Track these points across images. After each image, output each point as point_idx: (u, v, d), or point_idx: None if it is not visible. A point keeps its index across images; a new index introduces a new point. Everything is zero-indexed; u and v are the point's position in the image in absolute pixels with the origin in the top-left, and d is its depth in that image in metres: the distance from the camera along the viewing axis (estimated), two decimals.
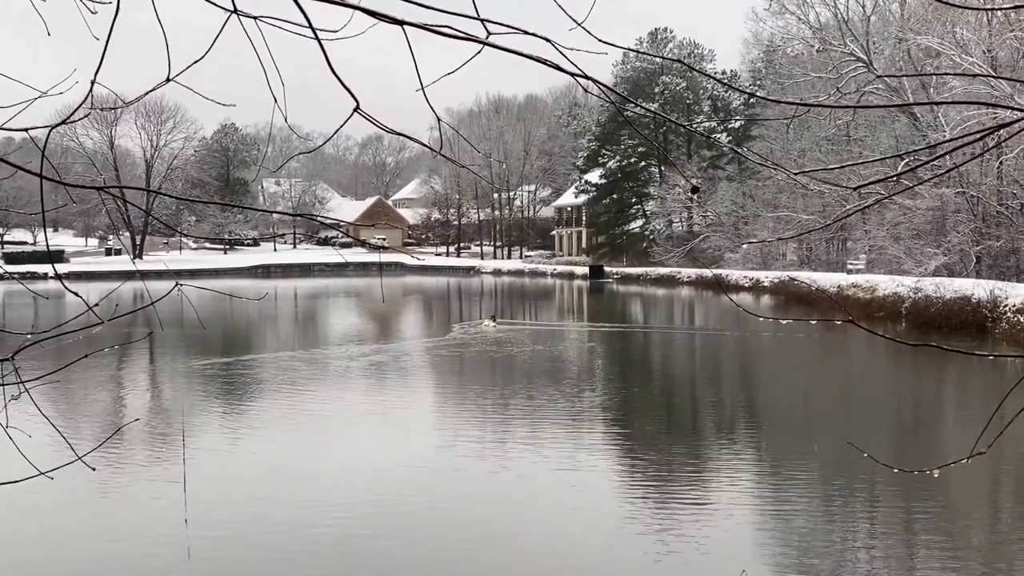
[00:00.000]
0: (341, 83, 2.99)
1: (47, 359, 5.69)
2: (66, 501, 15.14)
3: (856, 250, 69.43)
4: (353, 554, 13.19)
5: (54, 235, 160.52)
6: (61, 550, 13.58)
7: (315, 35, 2.99)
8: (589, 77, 3.03)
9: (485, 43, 3.06)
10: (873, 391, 28.30)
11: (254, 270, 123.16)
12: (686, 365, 37.03)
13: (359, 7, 2.94)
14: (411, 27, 3.01)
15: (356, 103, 2.98)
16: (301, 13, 2.90)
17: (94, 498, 15.73)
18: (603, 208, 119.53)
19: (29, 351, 3.99)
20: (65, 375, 26.91)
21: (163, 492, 15.99)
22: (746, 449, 20.14)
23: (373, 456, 19.30)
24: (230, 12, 3.02)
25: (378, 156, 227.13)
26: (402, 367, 34.57)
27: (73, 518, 14.88)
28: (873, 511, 15.06)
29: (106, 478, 16.52)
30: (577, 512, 15.07)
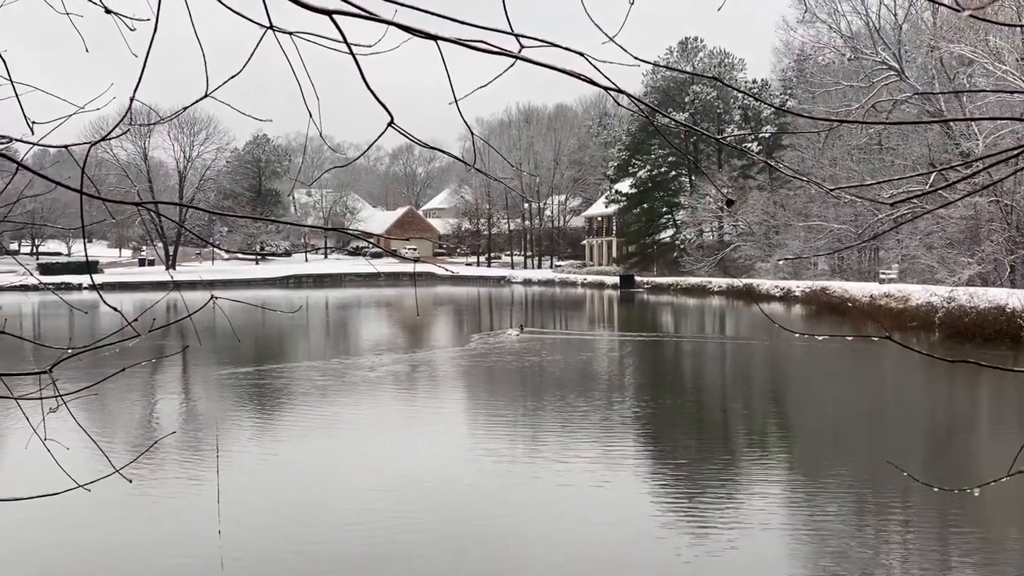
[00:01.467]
0: (376, 98, 3.01)
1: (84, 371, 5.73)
2: (102, 512, 15.22)
3: (888, 259, 69.07)
4: (386, 565, 13.20)
5: (89, 246, 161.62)
6: (97, 561, 13.69)
7: (350, 50, 3.01)
8: (623, 91, 3.04)
9: (519, 57, 3.07)
10: (907, 403, 28.10)
11: (286, 280, 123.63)
12: (717, 375, 36.89)
13: (394, 23, 2.96)
14: (445, 42, 3.03)
15: (391, 117, 3.00)
16: (337, 29, 2.92)
17: (130, 509, 15.79)
18: (633, 218, 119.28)
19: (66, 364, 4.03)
20: (102, 387, 27.17)
21: (197, 503, 16.06)
22: (778, 462, 20.04)
23: (405, 466, 19.33)
24: (266, 28, 3.05)
25: (409, 166, 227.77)
26: (433, 376, 34.67)
27: (109, 529, 14.97)
28: (908, 527, 14.94)
29: (142, 490, 16.58)
30: (607, 523, 15.04)
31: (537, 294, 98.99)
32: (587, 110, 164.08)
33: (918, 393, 30.18)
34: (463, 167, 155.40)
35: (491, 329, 53.98)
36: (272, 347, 47.40)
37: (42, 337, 51.17)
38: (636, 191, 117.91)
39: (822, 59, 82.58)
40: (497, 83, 3.64)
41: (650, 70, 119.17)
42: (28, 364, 4.38)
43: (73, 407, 4.42)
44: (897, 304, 49.49)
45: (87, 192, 3.14)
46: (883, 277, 63.52)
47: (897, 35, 65.68)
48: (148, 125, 10.61)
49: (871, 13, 68.13)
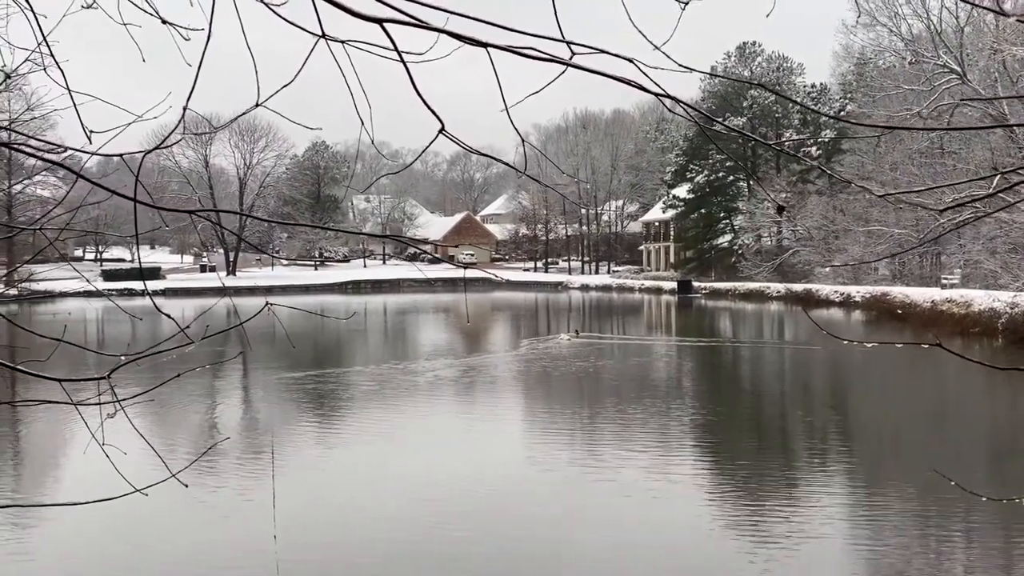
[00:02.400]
0: (427, 105, 3.03)
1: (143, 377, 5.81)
2: (159, 517, 15.36)
3: (951, 264, 68.16)
4: (440, 571, 13.24)
5: (151, 252, 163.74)
6: (154, 565, 13.82)
7: (401, 58, 3.02)
8: (673, 97, 3.03)
9: (570, 64, 3.07)
10: (967, 411, 27.71)
11: (344, 286, 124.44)
12: (775, 380, 36.62)
13: (445, 31, 2.97)
14: (496, 49, 3.03)
15: (441, 124, 3.02)
16: (388, 37, 2.94)
17: (186, 514, 15.91)
18: (691, 223, 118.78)
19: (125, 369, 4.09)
20: (160, 393, 27.51)
21: (253, 508, 16.21)
22: (838, 470, 19.83)
23: (459, 471, 19.35)
24: (318, 37, 3.07)
25: (466, 172, 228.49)
26: (485, 381, 34.71)
27: (165, 533, 15.10)
28: (970, 537, 14.71)
29: (198, 494, 16.71)
30: (664, 529, 14.97)
31: (594, 299, 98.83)
32: (644, 115, 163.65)
33: (979, 400, 29.74)
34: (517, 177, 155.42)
35: (547, 333, 53.85)
36: (328, 352, 47.71)
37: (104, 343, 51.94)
38: (694, 196, 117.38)
39: (883, 63, 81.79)
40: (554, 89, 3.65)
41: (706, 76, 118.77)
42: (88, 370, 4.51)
43: (131, 413, 4.48)
44: (959, 310, 48.82)
45: (141, 200, 3.18)
46: (945, 282, 62.67)
47: (959, 38, 64.86)
48: (201, 134, 10.83)
49: (932, 16, 67.42)
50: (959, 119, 63.58)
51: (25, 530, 15.45)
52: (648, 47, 3.39)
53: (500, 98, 3.30)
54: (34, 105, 70.73)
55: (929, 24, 67.90)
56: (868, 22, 72.97)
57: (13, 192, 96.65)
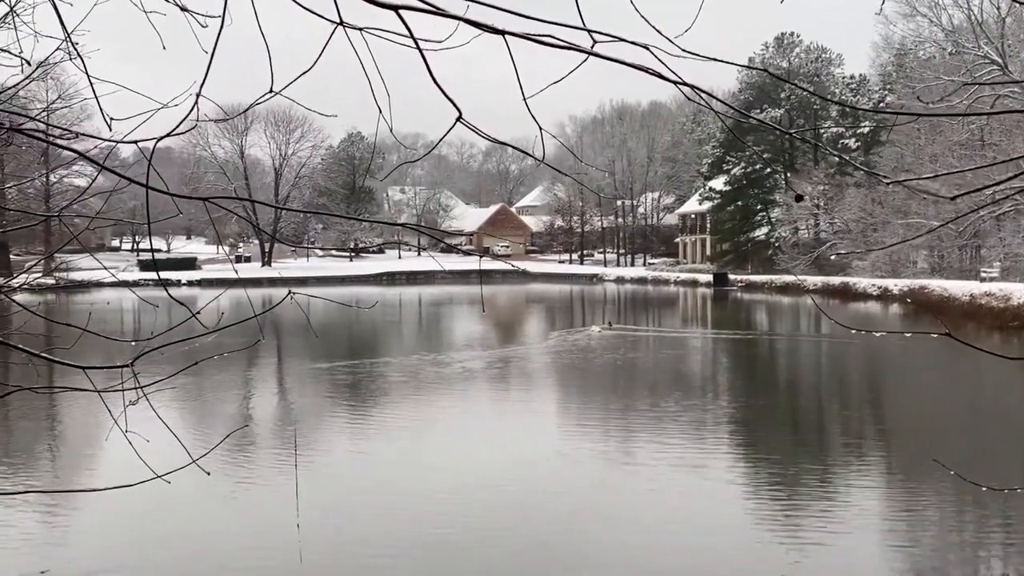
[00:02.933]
0: (443, 93, 3.00)
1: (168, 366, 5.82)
2: (182, 504, 15.34)
3: (991, 258, 67.51)
4: (464, 562, 13.23)
5: (187, 243, 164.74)
6: (177, 551, 13.87)
7: (417, 46, 3.00)
8: (691, 85, 2.99)
9: (590, 52, 3.04)
10: (1002, 404, 27.43)
11: (379, 277, 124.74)
12: (811, 373, 36.40)
13: (463, 18, 2.94)
14: (514, 37, 3.00)
15: (459, 112, 2.99)
16: (404, 25, 2.91)
17: (209, 501, 15.92)
18: (727, 215, 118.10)
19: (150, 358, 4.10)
20: (184, 381, 27.67)
21: (276, 496, 16.25)
22: (872, 466, 19.70)
23: (485, 463, 19.34)
24: (336, 24, 3.05)
25: (502, 164, 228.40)
26: (520, 373, 34.70)
27: (188, 521, 15.12)
28: (1007, 535, 14.55)
29: (221, 482, 16.69)
30: (697, 525, 14.91)
31: (629, 292, 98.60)
32: (681, 107, 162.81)
33: (1014, 394, 29.44)
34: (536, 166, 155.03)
35: (581, 325, 53.64)
36: (358, 343, 47.80)
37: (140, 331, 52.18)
38: (730, 188, 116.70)
39: (923, 53, 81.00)
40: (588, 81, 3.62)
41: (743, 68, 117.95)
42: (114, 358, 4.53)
43: (156, 401, 4.50)
44: (998, 303, 48.35)
45: (153, 187, 3.18)
46: (984, 276, 62.05)
47: (1000, 28, 64.14)
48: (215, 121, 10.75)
49: (973, 6, 66.71)
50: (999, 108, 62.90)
51: (47, 516, 15.56)
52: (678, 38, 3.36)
53: (527, 87, 3.28)
54: (65, 95, 71.12)
55: (970, 14, 67.20)
56: (908, 12, 72.43)
57: (51, 182, 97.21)
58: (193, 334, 4.25)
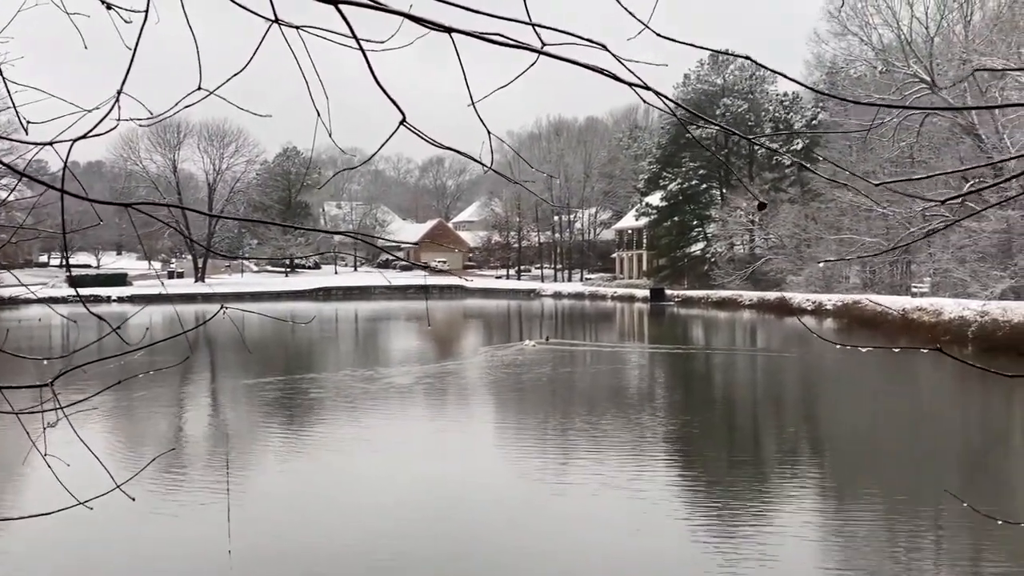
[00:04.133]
0: (386, 95, 2.82)
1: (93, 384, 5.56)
2: (105, 533, 14.65)
3: (921, 273, 68.41)
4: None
5: (118, 258, 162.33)
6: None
7: (359, 44, 2.82)
8: (648, 87, 2.84)
9: (540, 52, 2.89)
10: (939, 418, 27.70)
11: (315, 293, 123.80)
12: (748, 386, 36.55)
13: (406, 14, 2.77)
14: (461, 35, 2.84)
15: (402, 115, 2.81)
16: (344, 20, 2.73)
17: (135, 529, 15.23)
18: (664, 231, 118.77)
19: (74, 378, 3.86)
20: (110, 401, 27.02)
21: (207, 521, 15.66)
22: (810, 479, 19.73)
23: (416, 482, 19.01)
24: (271, 22, 2.87)
25: (439, 178, 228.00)
26: (455, 386, 34.45)
27: (112, 550, 14.45)
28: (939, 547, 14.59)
29: (148, 507, 16.03)
30: (634, 541, 14.78)
31: (567, 307, 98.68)
32: (617, 123, 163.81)
33: (950, 407, 29.75)
34: (492, 179, 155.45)
35: (518, 340, 53.34)
36: (290, 359, 47.21)
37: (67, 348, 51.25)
38: (667, 204, 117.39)
39: (854, 72, 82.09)
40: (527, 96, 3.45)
41: (680, 83, 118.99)
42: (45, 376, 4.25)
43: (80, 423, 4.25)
44: (930, 318, 48.94)
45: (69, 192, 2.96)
46: (915, 291, 62.84)
47: (929, 48, 65.16)
48: (139, 123, 10.01)
49: (903, 26, 67.71)
50: (928, 129, 63.88)
51: None
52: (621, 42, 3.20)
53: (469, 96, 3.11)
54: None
55: (899, 34, 68.23)
56: (840, 31, 73.38)
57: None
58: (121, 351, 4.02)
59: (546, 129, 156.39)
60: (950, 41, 65.82)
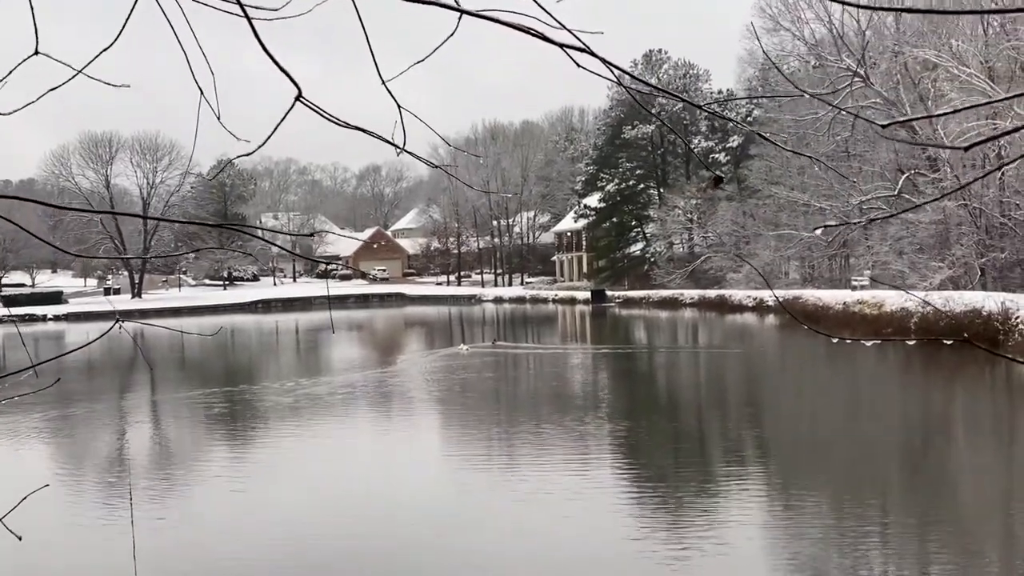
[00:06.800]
0: (279, 67, 2.42)
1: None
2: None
3: (859, 266, 68.85)
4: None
5: (53, 276, 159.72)
6: None
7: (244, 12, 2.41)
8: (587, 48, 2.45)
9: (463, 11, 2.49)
10: (881, 410, 27.68)
11: (255, 305, 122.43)
12: (692, 384, 36.43)
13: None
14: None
15: (298, 90, 2.41)
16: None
17: (28, 570, 13.76)
18: (603, 232, 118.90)
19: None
20: (15, 430, 25.72)
21: (109, 557, 14.06)
22: (756, 474, 19.50)
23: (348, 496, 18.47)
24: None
25: (376, 187, 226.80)
26: (396, 393, 33.82)
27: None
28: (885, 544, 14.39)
29: (42, 545, 14.55)
30: (579, 539, 14.42)
31: (508, 311, 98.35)
32: (553, 125, 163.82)
33: (891, 400, 29.77)
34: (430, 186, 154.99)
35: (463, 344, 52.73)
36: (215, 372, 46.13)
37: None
38: (605, 205, 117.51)
39: (787, 67, 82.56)
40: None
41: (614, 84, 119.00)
42: None
43: None
44: (871, 310, 49.14)
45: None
46: (855, 284, 63.21)
47: (861, 41, 65.64)
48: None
49: (834, 20, 68.15)
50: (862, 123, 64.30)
51: None
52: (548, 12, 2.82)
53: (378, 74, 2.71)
54: None
55: (831, 28, 68.69)
56: (772, 27, 73.69)
57: None
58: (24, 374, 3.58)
59: (482, 134, 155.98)
60: (881, 34, 66.31)
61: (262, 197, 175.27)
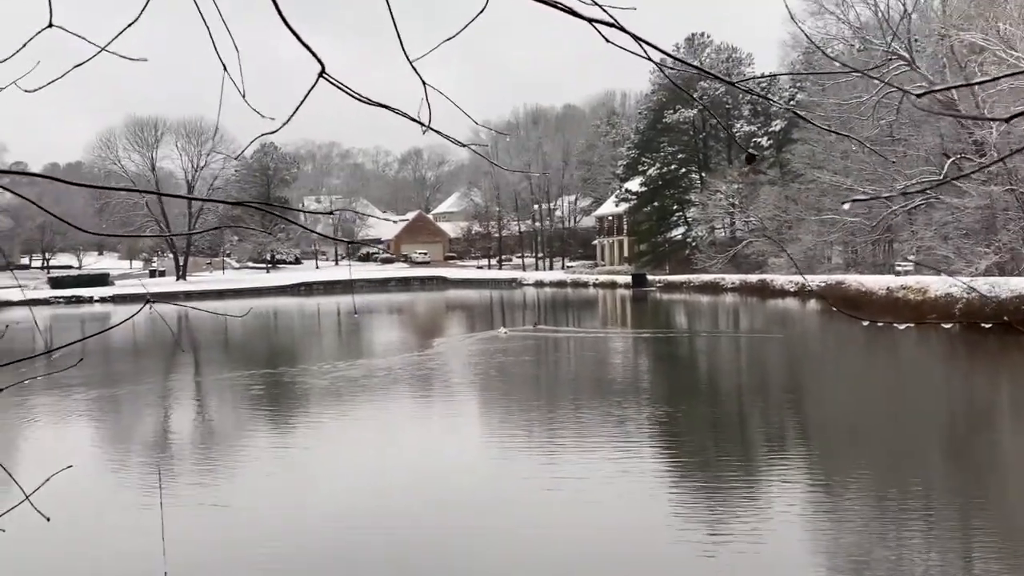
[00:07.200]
0: (302, 42, 2.39)
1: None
2: (20, 560, 13.05)
3: (904, 251, 68.20)
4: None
5: (100, 258, 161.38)
6: None
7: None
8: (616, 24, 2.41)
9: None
10: (925, 397, 27.42)
11: (297, 288, 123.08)
12: (733, 369, 36.22)
13: None
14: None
15: (322, 66, 2.38)
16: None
17: (58, 551, 13.69)
18: (644, 216, 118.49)
19: None
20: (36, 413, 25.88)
21: (139, 541, 13.97)
22: (798, 460, 19.35)
23: (392, 474, 18.52)
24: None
25: (418, 171, 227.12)
26: (436, 376, 33.86)
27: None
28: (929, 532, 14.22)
29: (66, 529, 14.37)
30: (620, 527, 14.37)
31: (549, 295, 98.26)
32: (594, 110, 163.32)
33: (934, 386, 29.48)
34: (472, 170, 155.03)
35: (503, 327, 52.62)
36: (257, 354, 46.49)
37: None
38: (646, 189, 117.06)
39: (831, 51, 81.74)
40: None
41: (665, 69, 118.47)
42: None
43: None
44: (915, 296, 48.66)
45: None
46: (899, 269, 62.62)
47: (906, 24, 64.84)
48: None
49: (879, 3, 67.37)
50: (908, 106, 63.56)
51: None
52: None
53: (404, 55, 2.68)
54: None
55: (876, 11, 67.89)
56: (816, 10, 72.89)
57: None
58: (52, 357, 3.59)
59: (524, 119, 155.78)
60: (927, 17, 65.51)
61: (304, 180, 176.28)
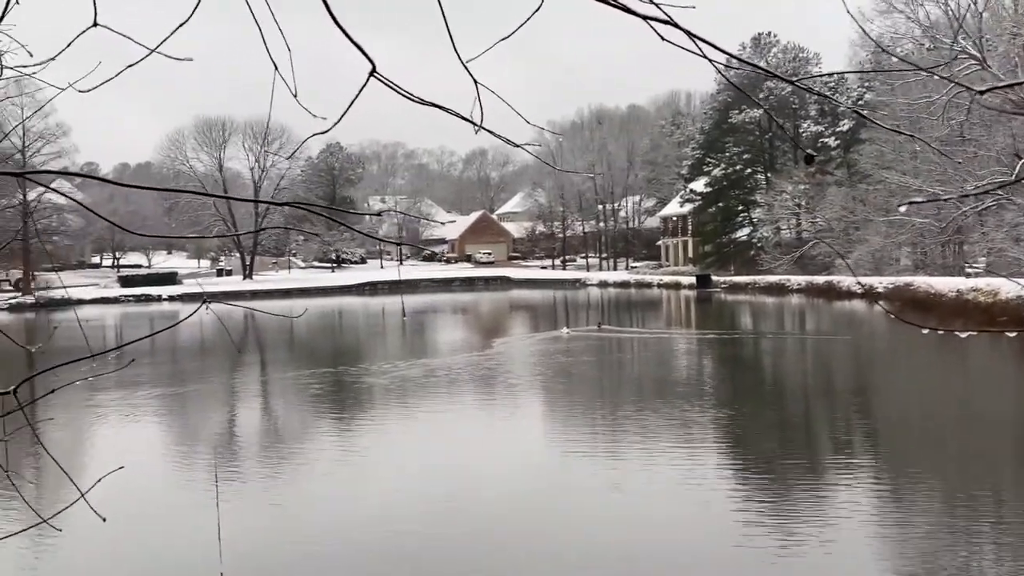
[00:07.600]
0: (352, 41, 2.37)
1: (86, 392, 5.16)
2: (76, 557, 12.70)
3: (974, 253, 67.14)
4: None
5: (168, 257, 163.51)
6: None
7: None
8: (672, 21, 2.36)
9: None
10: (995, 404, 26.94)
11: (361, 287, 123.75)
12: (796, 369, 35.88)
13: None
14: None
15: (372, 65, 2.36)
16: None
17: (111, 553, 13.60)
18: (709, 217, 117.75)
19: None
20: (90, 413, 26.10)
21: (195, 540, 14.00)
22: (864, 467, 19.09)
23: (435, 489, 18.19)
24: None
25: (482, 171, 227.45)
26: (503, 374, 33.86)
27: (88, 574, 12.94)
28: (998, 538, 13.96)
29: (130, 528, 14.51)
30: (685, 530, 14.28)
31: (613, 296, 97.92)
32: (659, 110, 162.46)
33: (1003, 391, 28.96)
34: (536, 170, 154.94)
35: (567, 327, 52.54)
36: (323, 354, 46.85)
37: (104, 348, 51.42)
38: (711, 190, 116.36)
39: (900, 50, 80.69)
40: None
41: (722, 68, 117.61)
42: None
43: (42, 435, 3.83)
44: (986, 299, 47.85)
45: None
46: (969, 271, 61.63)
47: (977, 23, 63.80)
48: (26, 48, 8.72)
49: (950, 1, 66.44)
50: (979, 106, 62.55)
51: None
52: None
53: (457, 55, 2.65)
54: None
55: (947, 10, 66.95)
56: (885, 9, 72.04)
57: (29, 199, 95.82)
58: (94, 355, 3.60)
59: (588, 119, 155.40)
60: (999, 15, 64.42)
61: (370, 180, 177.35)
